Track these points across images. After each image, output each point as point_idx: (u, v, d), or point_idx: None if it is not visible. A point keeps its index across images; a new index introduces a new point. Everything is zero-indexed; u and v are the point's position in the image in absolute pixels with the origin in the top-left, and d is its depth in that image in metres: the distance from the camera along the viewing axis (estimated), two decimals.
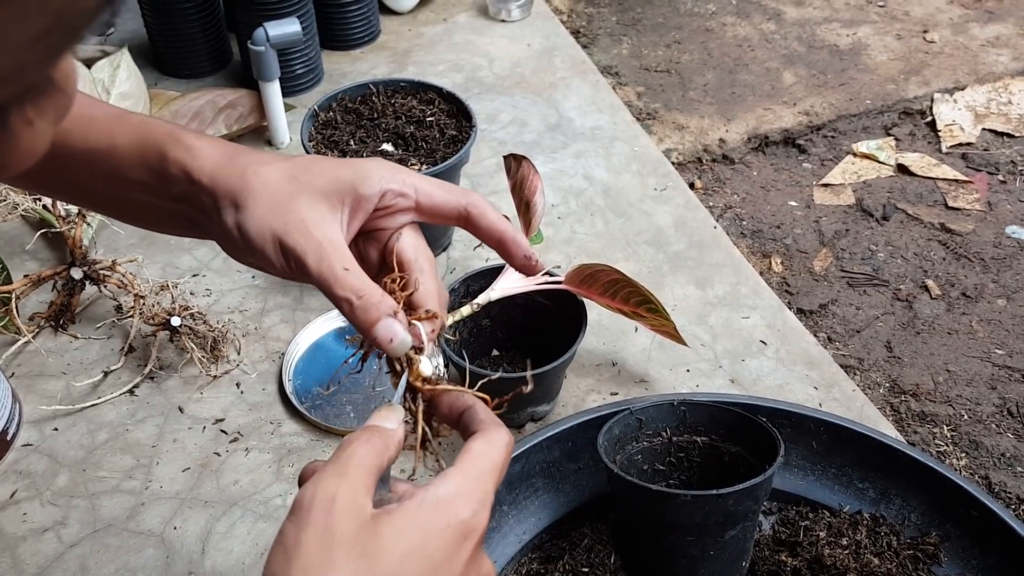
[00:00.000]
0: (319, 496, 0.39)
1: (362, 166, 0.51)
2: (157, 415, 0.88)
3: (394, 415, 0.46)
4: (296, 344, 0.93)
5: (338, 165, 0.51)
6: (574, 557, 0.71)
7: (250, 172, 0.49)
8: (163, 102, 1.20)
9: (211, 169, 0.50)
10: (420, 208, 0.52)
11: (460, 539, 0.41)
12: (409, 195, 0.51)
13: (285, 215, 0.48)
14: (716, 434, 0.73)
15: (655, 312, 0.82)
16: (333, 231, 0.49)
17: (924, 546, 0.71)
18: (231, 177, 0.49)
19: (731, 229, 1.27)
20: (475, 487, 0.42)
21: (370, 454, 0.42)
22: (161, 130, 0.51)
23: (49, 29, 0.20)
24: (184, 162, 0.50)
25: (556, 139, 1.24)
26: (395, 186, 0.51)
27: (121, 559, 0.77)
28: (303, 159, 0.52)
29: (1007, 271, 1.19)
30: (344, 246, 0.49)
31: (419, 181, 0.52)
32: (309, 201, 0.49)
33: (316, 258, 0.47)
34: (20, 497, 0.81)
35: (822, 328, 1.12)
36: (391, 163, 0.52)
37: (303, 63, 1.29)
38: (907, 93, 1.50)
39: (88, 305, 0.98)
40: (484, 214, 0.53)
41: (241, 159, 0.50)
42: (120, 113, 0.53)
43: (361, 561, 0.38)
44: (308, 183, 0.50)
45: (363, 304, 0.46)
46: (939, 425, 1.01)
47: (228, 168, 0.50)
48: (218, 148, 0.51)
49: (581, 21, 1.70)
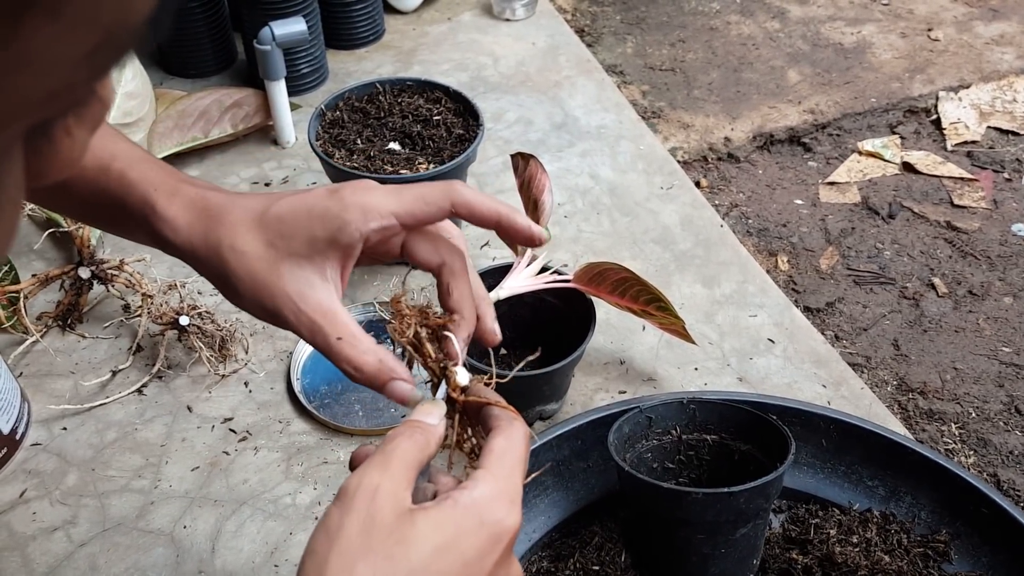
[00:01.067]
0: (364, 485, 0.41)
1: (335, 216, 0.48)
2: (166, 414, 0.88)
3: (436, 411, 0.48)
4: (304, 343, 0.93)
5: (311, 219, 0.48)
6: (584, 555, 0.71)
7: (227, 251, 0.49)
8: (169, 101, 1.20)
9: (189, 245, 0.51)
10: (408, 228, 0.50)
11: (493, 540, 0.42)
12: (392, 224, 0.49)
13: (272, 293, 0.49)
14: (726, 432, 0.73)
15: (664, 310, 0.82)
16: (321, 297, 0.49)
17: (934, 544, 0.71)
18: (210, 258, 0.50)
19: (737, 227, 1.27)
20: (505, 487, 0.44)
21: (412, 449, 0.44)
22: (138, 194, 0.51)
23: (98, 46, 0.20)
24: (163, 234, 0.51)
25: (562, 138, 1.24)
26: (375, 225, 0.48)
27: (131, 558, 0.77)
28: (272, 213, 0.49)
29: (1013, 269, 1.19)
30: (335, 311, 0.49)
31: (396, 204, 0.49)
32: (292, 269, 0.48)
33: (309, 333, 0.49)
34: (29, 496, 0.81)
35: (829, 326, 1.12)
36: (364, 193, 0.49)
37: (308, 62, 1.29)
38: (912, 91, 1.50)
39: (96, 304, 0.99)
40: (471, 206, 0.50)
41: (215, 232, 0.50)
42: (107, 160, 0.52)
43: (397, 548, 0.40)
44: (286, 248, 0.49)
45: (363, 377, 0.49)
46: (947, 423, 1.01)
47: (205, 246, 0.50)
48: (191, 216, 0.50)
49: (585, 20, 1.70)
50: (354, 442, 0.86)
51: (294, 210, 0.49)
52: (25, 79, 0.19)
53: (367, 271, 1.03)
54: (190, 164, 1.17)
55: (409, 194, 0.49)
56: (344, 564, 0.39)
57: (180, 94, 1.23)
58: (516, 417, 0.47)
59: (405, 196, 0.49)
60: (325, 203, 0.49)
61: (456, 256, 0.51)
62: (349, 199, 0.48)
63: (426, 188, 0.50)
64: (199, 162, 1.18)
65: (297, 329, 0.49)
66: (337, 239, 0.48)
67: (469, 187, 0.51)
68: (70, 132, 0.24)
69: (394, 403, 0.90)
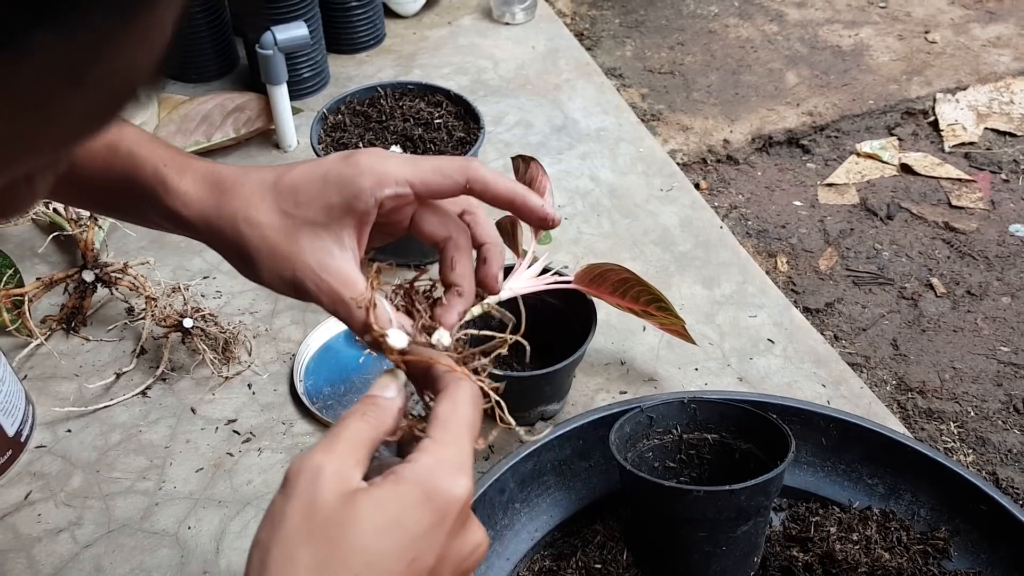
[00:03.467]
0: (305, 469, 0.40)
1: (350, 182, 0.48)
2: (170, 416, 0.89)
3: (394, 383, 0.46)
4: (307, 345, 0.94)
5: (326, 185, 0.48)
6: (587, 554, 0.72)
7: (242, 224, 0.49)
8: (171, 106, 1.21)
9: (203, 219, 0.50)
10: (422, 198, 0.50)
11: (440, 512, 0.40)
12: (406, 193, 0.49)
13: (292, 264, 0.48)
14: (726, 431, 0.73)
15: (665, 311, 0.83)
16: (341, 265, 0.49)
17: (934, 541, 0.72)
18: (224, 230, 0.49)
19: (737, 229, 1.27)
20: (450, 455, 0.42)
21: (363, 428, 0.42)
22: (149, 169, 0.51)
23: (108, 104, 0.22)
24: (175, 209, 0.50)
25: (562, 140, 1.24)
26: (389, 191, 0.48)
27: (136, 559, 0.77)
28: (286, 182, 0.49)
29: (1011, 269, 1.20)
30: (355, 279, 0.49)
31: (412, 173, 0.49)
32: (310, 238, 0.48)
33: (330, 302, 0.49)
34: (35, 498, 0.82)
35: (828, 326, 1.13)
36: (379, 159, 0.49)
37: (310, 67, 1.29)
38: (909, 93, 1.50)
39: (100, 307, 0.99)
40: (487, 184, 0.50)
41: (229, 204, 0.49)
42: (114, 139, 0.52)
43: (338, 530, 0.38)
44: (303, 217, 0.48)
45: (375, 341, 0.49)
46: (946, 422, 1.01)
47: (219, 219, 0.49)
48: (203, 189, 0.50)
49: (584, 23, 1.71)
50: None
51: (308, 178, 0.49)
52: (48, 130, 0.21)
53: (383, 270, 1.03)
54: None
55: (427, 164, 0.49)
56: (286, 551, 0.38)
57: (182, 99, 1.24)
58: (462, 376, 0.45)
59: (422, 166, 0.49)
60: (340, 168, 0.48)
61: (462, 233, 0.51)
62: (364, 164, 0.48)
63: (444, 161, 0.49)
64: None
65: (318, 299, 0.49)
66: (353, 205, 0.48)
67: (486, 165, 0.51)
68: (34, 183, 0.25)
69: None
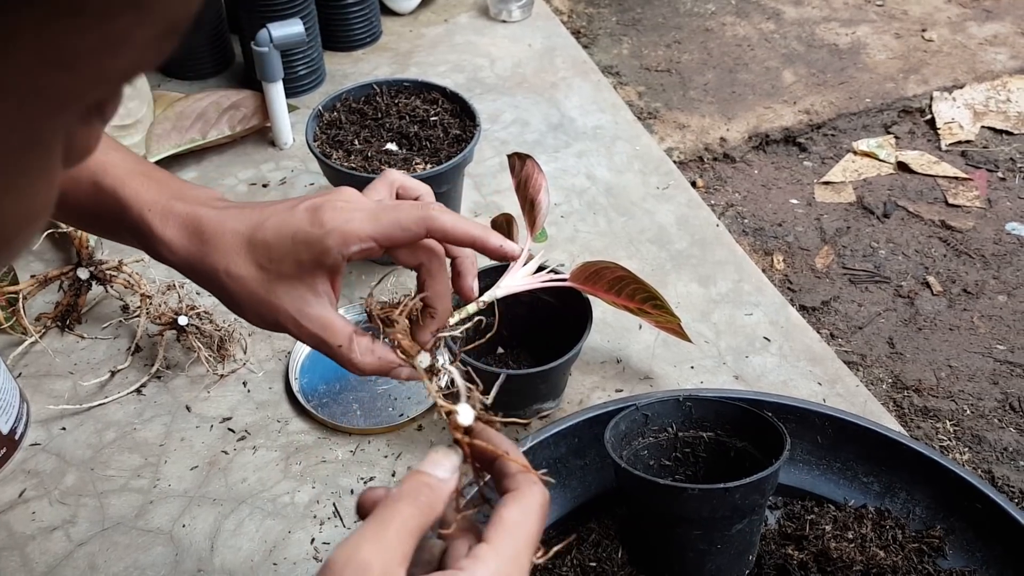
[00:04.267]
0: (352, 564, 0.38)
1: (317, 242, 0.50)
2: (164, 414, 0.88)
3: (448, 462, 0.44)
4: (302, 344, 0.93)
5: (295, 245, 0.51)
6: (582, 552, 0.71)
7: (223, 276, 0.52)
8: (166, 103, 1.21)
9: (187, 265, 0.54)
10: (387, 249, 0.52)
11: None
12: (371, 247, 0.51)
13: (272, 310, 0.52)
14: (722, 429, 0.73)
15: (660, 308, 0.83)
16: (317, 311, 0.52)
17: (929, 539, 0.72)
18: (209, 281, 0.53)
19: (733, 227, 1.27)
20: (509, 570, 0.40)
21: (414, 515, 0.40)
22: (134, 214, 0.53)
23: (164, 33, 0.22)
24: (161, 254, 0.54)
25: (558, 138, 1.24)
26: (354, 248, 0.51)
27: (130, 557, 0.77)
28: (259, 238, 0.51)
29: (1007, 267, 1.20)
30: (331, 320, 0.52)
31: (374, 229, 0.50)
32: (286, 289, 0.52)
33: (312, 342, 0.53)
34: (29, 496, 0.82)
35: (825, 325, 1.13)
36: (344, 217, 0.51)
37: (305, 64, 1.29)
38: (906, 91, 1.50)
39: (94, 305, 0.99)
40: (446, 232, 0.52)
41: (209, 257, 0.52)
42: (99, 174, 0.54)
43: None
44: (277, 271, 0.52)
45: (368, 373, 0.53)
46: (942, 420, 1.01)
47: (202, 269, 0.53)
48: (184, 238, 0.53)
49: (581, 21, 1.71)
50: (352, 441, 0.86)
51: (279, 236, 0.52)
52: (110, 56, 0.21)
53: (364, 271, 1.03)
54: (188, 166, 1.17)
55: (387, 219, 0.51)
56: None
57: (178, 96, 1.23)
58: (536, 481, 0.43)
59: (383, 221, 0.51)
60: (307, 230, 0.51)
61: (433, 258, 0.54)
62: (329, 224, 0.51)
63: (403, 214, 0.51)
64: (197, 164, 1.18)
65: (300, 339, 0.53)
66: (322, 261, 0.51)
67: (445, 211, 0.52)
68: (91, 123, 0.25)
69: (391, 403, 0.91)
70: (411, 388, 0.90)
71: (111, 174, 0.54)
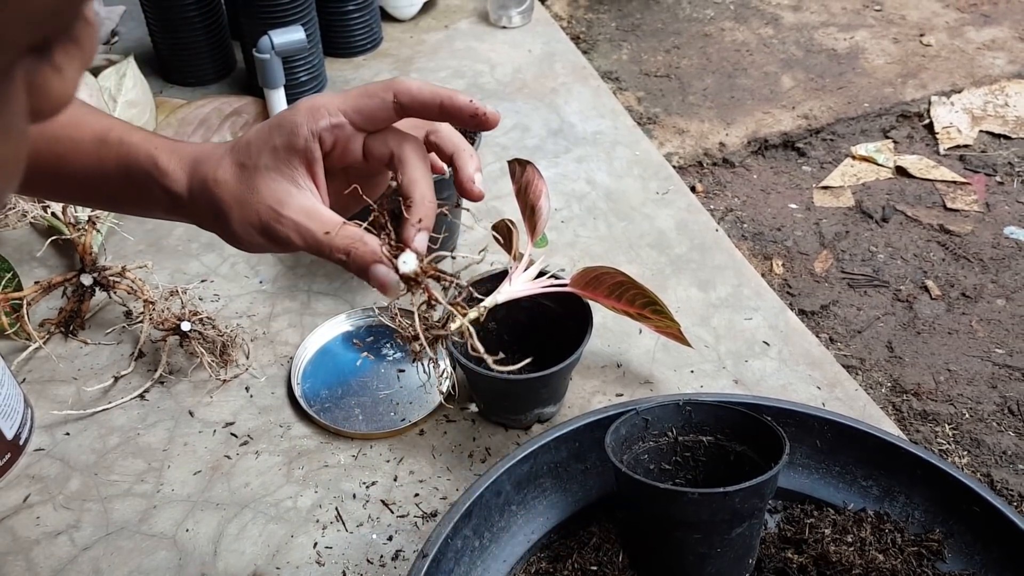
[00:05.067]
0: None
1: (287, 121, 0.51)
2: (167, 419, 0.89)
3: None
4: (304, 348, 0.94)
5: (270, 133, 0.51)
6: (582, 556, 0.72)
7: (210, 184, 0.52)
8: (169, 110, 1.21)
9: (188, 193, 0.53)
10: (360, 127, 0.51)
11: None
12: (341, 121, 0.51)
13: (255, 209, 0.51)
14: (721, 433, 0.74)
15: (660, 313, 0.83)
16: (300, 199, 0.50)
17: (928, 542, 0.72)
18: (201, 194, 0.52)
19: (732, 232, 1.28)
20: None
21: None
22: (143, 154, 0.54)
23: None
24: (168, 187, 0.53)
25: (558, 144, 1.25)
26: (323, 123, 0.50)
27: (134, 561, 0.78)
28: (243, 139, 0.52)
29: (1006, 271, 1.20)
30: (316, 209, 0.50)
31: (342, 101, 0.51)
32: (266, 182, 0.51)
33: (298, 235, 0.50)
34: (33, 501, 0.82)
35: (824, 329, 1.14)
36: (315, 97, 0.51)
37: (307, 71, 1.30)
38: (904, 96, 1.51)
39: (98, 311, 0.99)
40: (411, 93, 0.50)
41: (200, 171, 0.52)
42: (102, 132, 0.55)
43: None
44: (255, 165, 0.51)
45: (352, 259, 0.49)
46: (941, 424, 1.02)
47: (197, 188, 0.52)
48: (187, 166, 0.53)
49: (581, 27, 1.71)
50: (354, 445, 0.87)
51: (258, 130, 0.52)
52: None
53: None
54: None
55: (355, 91, 0.51)
56: None
57: (180, 102, 1.24)
58: None
59: (350, 92, 0.51)
60: (282, 114, 0.51)
61: (404, 142, 0.52)
62: (301, 104, 0.51)
63: (369, 84, 0.51)
64: None
65: (287, 237, 0.50)
66: (293, 143, 0.50)
67: (413, 78, 0.52)
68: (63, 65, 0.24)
69: (393, 408, 0.91)
70: (413, 393, 0.91)
71: (116, 129, 0.55)
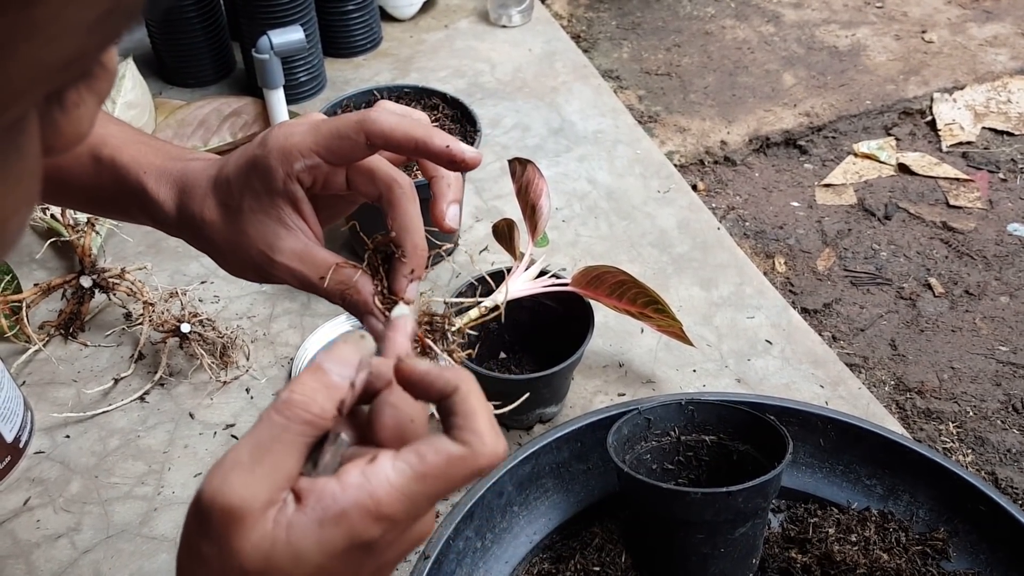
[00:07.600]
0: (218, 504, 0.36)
1: (263, 165, 0.48)
2: (168, 421, 0.89)
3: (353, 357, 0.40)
4: (304, 349, 0.94)
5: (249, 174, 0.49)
6: (585, 556, 0.72)
7: (198, 222, 0.51)
8: (168, 111, 1.21)
9: (176, 219, 0.53)
10: (336, 164, 0.49)
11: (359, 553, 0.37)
12: (316, 163, 0.48)
13: (247, 251, 0.50)
14: (724, 433, 0.73)
15: (662, 312, 0.83)
16: (291, 243, 0.49)
17: (933, 541, 0.72)
18: (190, 227, 0.52)
19: (734, 230, 1.27)
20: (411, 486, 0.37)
21: (299, 433, 0.37)
22: (132, 179, 0.53)
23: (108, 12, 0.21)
24: (156, 216, 0.53)
25: (559, 143, 1.24)
26: (298, 166, 0.48)
27: (135, 564, 0.77)
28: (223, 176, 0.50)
29: (1009, 268, 1.20)
30: (308, 251, 0.49)
31: (314, 142, 0.48)
32: (253, 224, 0.49)
33: (292, 279, 0.49)
34: (33, 504, 0.82)
35: (827, 327, 1.13)
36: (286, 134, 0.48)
37: (306, 71, 1.29)
38: (907, 93, 1.51)
39: (97, 313, 0.99)
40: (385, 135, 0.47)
41: (188, 208, 0.52)
42: (96, 147, 0.54)
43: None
44: (239, 207, 0.50)
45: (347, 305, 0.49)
46: (944, 422, 1.01)
47: (185, 219, 0.52)
48: (174, 195, 0.52)
49: (581, 26, 1.71)
50: None
51: (237, 168, 0.50)
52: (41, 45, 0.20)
53: None
54: None
55: (326, 128, 0.48)
56: None
57: (179, 103, 1.24)
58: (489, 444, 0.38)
59: (322, 131, 0.48)
60: (256, 153, 0.49)
61: (392, 186, 0.49)
62: (272, 144, 0.48)
63: (341, 121, 0.48)
64: None
65: (282, 280, 0.50)
66: (273, 187, 0.48)
67: (388, 112, 0.48)
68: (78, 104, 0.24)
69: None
70: None
71: (109, 144, 0.54)
